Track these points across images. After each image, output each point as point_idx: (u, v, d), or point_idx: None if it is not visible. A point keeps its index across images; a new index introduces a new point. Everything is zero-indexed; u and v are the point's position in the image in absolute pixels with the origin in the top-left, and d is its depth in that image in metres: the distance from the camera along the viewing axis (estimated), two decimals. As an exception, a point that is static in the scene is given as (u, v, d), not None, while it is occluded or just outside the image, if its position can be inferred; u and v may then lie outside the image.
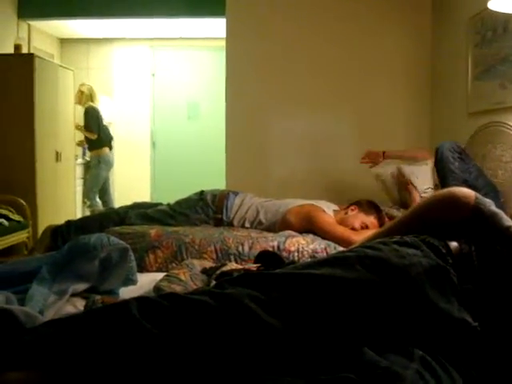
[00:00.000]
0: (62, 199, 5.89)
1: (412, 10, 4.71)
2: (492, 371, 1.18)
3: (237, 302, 1.09)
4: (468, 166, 3.10)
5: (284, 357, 1.07)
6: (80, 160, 6.80)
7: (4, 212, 4.64)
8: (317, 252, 2.70)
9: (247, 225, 3.19)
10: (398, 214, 3.17)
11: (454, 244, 1.29)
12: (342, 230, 2.90)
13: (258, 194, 3.43)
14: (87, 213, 6.62)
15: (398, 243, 1.26)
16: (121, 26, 6.92)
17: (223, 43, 4.81)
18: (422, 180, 3.53)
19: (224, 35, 4.79)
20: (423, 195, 3.38)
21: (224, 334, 1.06)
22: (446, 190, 1.47)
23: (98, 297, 1.66)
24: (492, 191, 3.04)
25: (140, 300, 1.13)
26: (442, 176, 3.07)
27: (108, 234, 1.98)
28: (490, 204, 1.41)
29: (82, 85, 6.57)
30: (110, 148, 6.83)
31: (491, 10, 3.07)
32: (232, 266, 2.07)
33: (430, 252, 1.23)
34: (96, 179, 6.67)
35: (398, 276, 1.16)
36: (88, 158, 6.87)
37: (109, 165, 6.79)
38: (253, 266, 1.96)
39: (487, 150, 3.50)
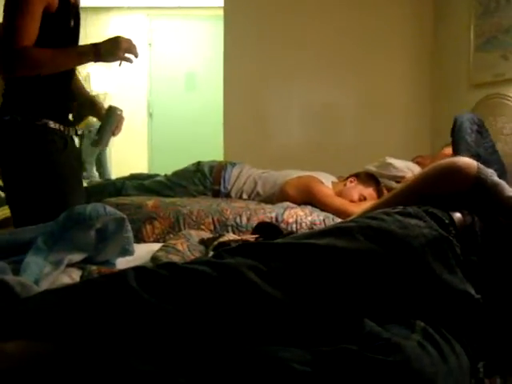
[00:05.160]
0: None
1: (414, -20, 4.64)
2: (494, 344, 1.17)
3: (236, 271, 1.07)
4: (484, 140, 3.06)
5: (284, 327, 1.05)
6: (80, 131, 6.72)
7: (-1, 183, 4.59)
8: (315, 224, 2.69)
9: (245, 196, 3.17)
10: (397, 186, 3.15)
11: (457, 215, 1.27)
12: (340, 202, 2.89)
13: (256, 166, 3.41)
14: (84, 184, 6.58)
15: (400, 214, 1.23)
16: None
17: (221, 12, 4.74)
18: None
19: (222, 4, 4.71)
20: None
21: (223, 303, 1.04)
22: (448, 160, 1.44)
23: (94, 267, 1.64)
24: (501, 171, 3.01)
25: (137, 270, 1.11)
26: (457, 146, 3.03)
27: (104, 204, 1.96)
28: (491, 174, 1.38)
29: None
30: None
31: (495, -21, 3.02)
32: (230, 236, 2.05)
33: (433, 223, 1.21)
34: (88, 150, 6.59)
35: (400, 247, 1.14)
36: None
37: None
38: (251, 237, 1.94)
39: (488, 123, 3.46)
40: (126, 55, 2.21)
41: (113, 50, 2.17)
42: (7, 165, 2.25)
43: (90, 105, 2.63)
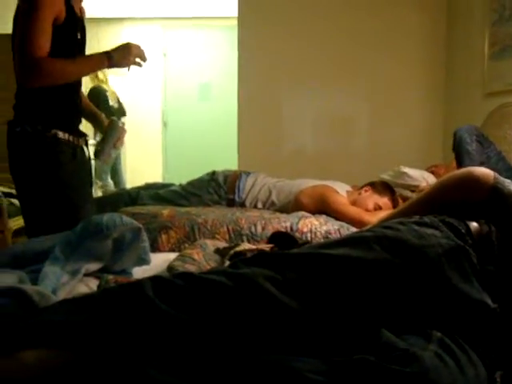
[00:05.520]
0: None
1: (428, -13, 4.63)
2: (511, 353, 1.16)
3: (252, 282, 1.08)
4: (487, 150, 3.05)
5: (300, 337, 1.06)
6: (92, 141, 6.75)
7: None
8: (330, 233, 2.68)
9: (259, 205, 3.17)
10: (412, 195, 3.14)
11: (473, 224, 1.26)
12: (355, 211, 2.88)
13: (271, 175, 3.41)
14: (99, 193, 6.62)
15: (416, 223, 1.23)
16: (131, 5, 6.86)
17: (236, 22, 4.76)
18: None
19: (236, 14, 4.74)
20: None
21: (239, 313, 1.05)
22: (464, 170, 1.44)
23: (111, 276, 1.65)
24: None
25: (154, 279, 1.12)
26: (459, 157, 3.04)
27: (121, 214, 1.97)
28: (509, 184, 1.38)
29: None
30: None
31: (510, -13, 3.02)
32: (245, 246, 2.05)
33: (450, 232, 1.21)
34: None
35: (416, 257, 1.14)
36: (98, 139, 6.82)
37: None
38: (266, 247, 1.94)
39: (502, 132, 3.45)
40: (137, 60, 2.30)
41: (124, 55, 2.25)
42: (19, 175, 2.29)
43: (92, 117, 2.66)
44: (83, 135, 2.41)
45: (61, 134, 2.25)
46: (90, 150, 2.57)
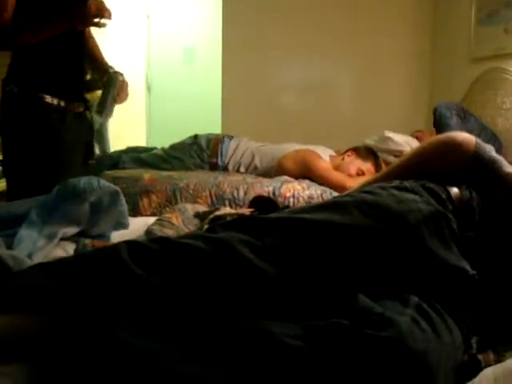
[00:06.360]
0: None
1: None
2: (488, 319, 1.17)
3: (229, 246, 1.06)
4: (467, 125, 3.07)
5: (277, 302, 1.05)
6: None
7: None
8: (313, 198, 2.68)
9: (242, 170, 3.15)
10: (395, 160, 3.14)
11: (454, 190, 1.25)
12: (337, 176, 2.87)
13: (254, 139, 3.37)
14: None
15: (396, 188, 1.22)
16: (114, -35, 6.69)
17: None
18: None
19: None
20: None
21: (215, 278, 1.04)
22: (446, 135, 1.42)
23: (87, 241, 1.64)
24: (496, 147, 3.01)
25: (130, 243, 1.10)
26: (439, 132, 3.05)
27: (101, 178, 1.94)
28: (490, 150, 1.37)
29: None
30: None
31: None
32: (225, 210, 2.03)
33: (430, 197, 1.20)
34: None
35: (396, 222, 1.13)
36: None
37: None
38: (247, 211, 1.93)
39: (488, 97, 3.45)
40: (102, 21, 2.14)
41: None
42: (4, 135, 2.23)
43: (97, 67, 2.57)
44: (82, 100, 2.33)
45: (48, 99, 2.17)
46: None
